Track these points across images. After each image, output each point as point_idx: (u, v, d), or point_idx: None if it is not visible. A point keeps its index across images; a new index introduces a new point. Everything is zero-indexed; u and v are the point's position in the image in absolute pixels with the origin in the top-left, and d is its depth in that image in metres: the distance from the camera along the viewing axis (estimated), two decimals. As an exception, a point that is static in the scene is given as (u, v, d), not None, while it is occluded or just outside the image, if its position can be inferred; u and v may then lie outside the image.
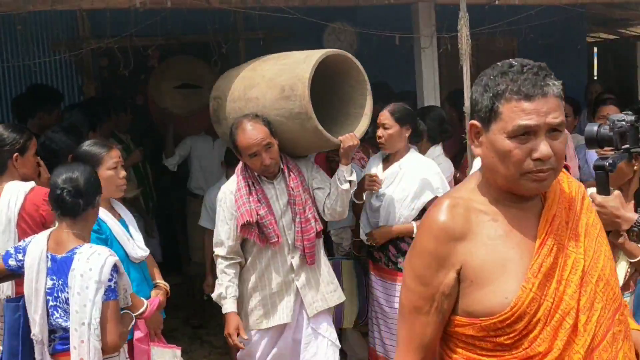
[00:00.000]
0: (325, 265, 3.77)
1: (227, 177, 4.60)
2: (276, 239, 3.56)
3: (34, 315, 2.83)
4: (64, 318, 2.81)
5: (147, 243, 5.85)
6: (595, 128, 2.49)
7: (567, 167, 4.00)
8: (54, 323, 2.84)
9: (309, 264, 3.65)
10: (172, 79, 6.02)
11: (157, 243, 6.17)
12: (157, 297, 3.39)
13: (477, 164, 3.83)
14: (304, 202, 3.63)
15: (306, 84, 3.40)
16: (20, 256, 2.91)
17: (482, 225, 1.73)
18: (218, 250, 3.67)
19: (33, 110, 5.17)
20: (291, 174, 3.63)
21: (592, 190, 3.37)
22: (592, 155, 5.17)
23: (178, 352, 3.33)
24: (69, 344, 2.79)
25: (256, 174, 3.61)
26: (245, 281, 3.69)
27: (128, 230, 3.41)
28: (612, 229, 2.57)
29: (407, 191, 3.96)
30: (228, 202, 3.63)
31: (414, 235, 3.83)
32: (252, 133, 3.47)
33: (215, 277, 4.64)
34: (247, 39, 6.25)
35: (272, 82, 3.56)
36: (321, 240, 3.81)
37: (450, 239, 1.71)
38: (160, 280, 3.58)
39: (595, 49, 9.75)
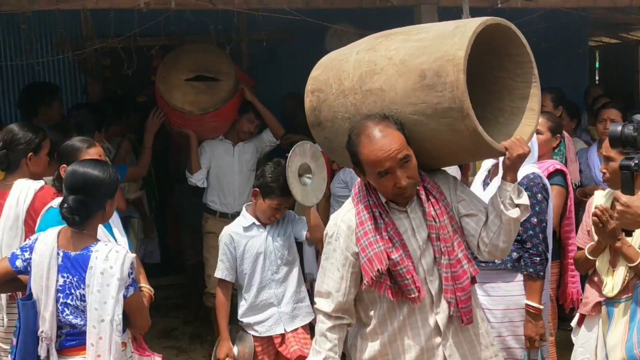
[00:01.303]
0: (481, 322, 2.71)
1: (258, 209, 3.75)
2: (417, 293, 2.51)
3: (43, 313, 2.83)
4: (75, 315, 2.83)
5: (147, 243, 5.96)
6: (620, 128, 2.52)
7: (563, 172, 4.02)
8: (63, 320, 2.84)
9: (465, 323, 2.57)
10: (184, 70, 5.08)
11: (157, 243, 6.19)
12: None
13: (485, 165, 3.81)
14: (452, 236, 2.57)
15: (461, 67, 2.39)
16: (27, 254, 2.89)
17: None
18: (321, 304, 2.62)
19: (34, 108, 5.20)
20: (430, 196, 2.58)
21: (599, 194, 3.39)
22: (594, 159, 5.19)
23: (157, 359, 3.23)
24: (77, 339, 2.83)
25: (383, 199, 2.59)
26: (367, 348, 2.64)
27: (111, 232, 3.38)
28: (636, 229, 2.59)
29: None
30: (343, 240, 2.59)
31: None
32: (384, 142, 2.44)
33: (235, 340, 3.80)
34: (249, 40, 6.26)
35: (405, 66, 2.52)
36: (475, 287, 2.73)
37: None
38: (144, 285, 3.50)
39: (597, 53, 9.76)
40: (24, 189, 3.44)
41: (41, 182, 3.51)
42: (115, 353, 2.79)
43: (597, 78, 9.66)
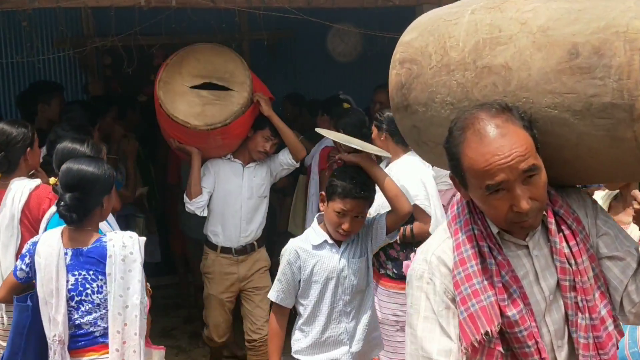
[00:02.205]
0: None
1: (326, 220, 3.08)
2: None
3: (55, 316, 2.79)
4: (88, 311, 2.81)
5: (148, 241, 5.94)
6: None
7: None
8: (70, 321, 2.81)
9: None
10: (190, 75, 4.33)
11: (157, 242, 6.17)
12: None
13: None
14: (592, 284, 1.80)
15: (638, 45, 1.61)
16: (27, 259, 2.89)
17: None
18: None
19: (33, 107, 5.20)
20: (564, 226, 1.82)
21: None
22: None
23: (163, 352, 3.30)
24: (82, 340, 2.83)
25: (494, 229, 1.80)
26: None
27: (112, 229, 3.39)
28: None
29: None
30: (440, 282, 1.79)
31: (399, 242, 3.79)
32: (500, 144, 1.66)
33: None
34: (251, 39, 6.26)
35: (546, 37, 1.73)
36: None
37: None
38: None
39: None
40: (19, 188, 3.44)
41: (37, 181, 3.51)
42: (142, 335, 2.80)
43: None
